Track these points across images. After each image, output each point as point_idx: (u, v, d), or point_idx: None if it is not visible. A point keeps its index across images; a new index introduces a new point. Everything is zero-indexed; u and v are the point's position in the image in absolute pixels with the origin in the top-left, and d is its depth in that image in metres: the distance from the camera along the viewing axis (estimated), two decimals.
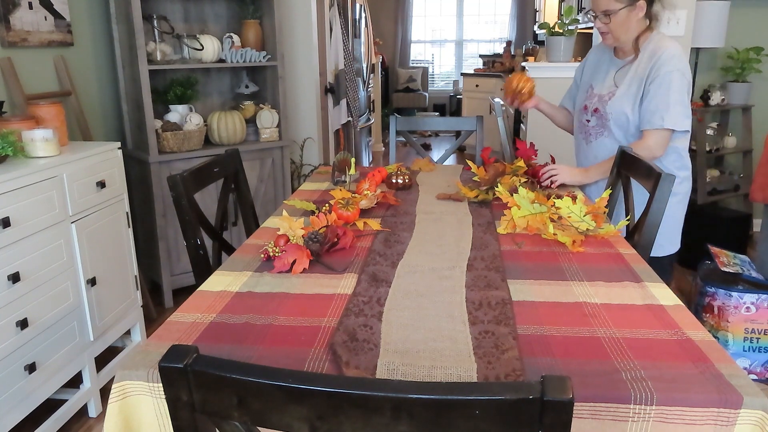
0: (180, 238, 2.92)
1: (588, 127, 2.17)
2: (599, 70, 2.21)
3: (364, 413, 0.65)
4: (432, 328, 1.12)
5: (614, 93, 2.09)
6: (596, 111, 2.12)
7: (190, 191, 1.72)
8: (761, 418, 0.89)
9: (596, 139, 2.16)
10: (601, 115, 2.11)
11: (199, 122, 3.10)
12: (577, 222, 1.63)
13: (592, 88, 2.19)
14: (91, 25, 2.94)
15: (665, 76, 1.96)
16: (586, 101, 2.18)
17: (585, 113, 2.18)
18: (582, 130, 2.21)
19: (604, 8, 1.97)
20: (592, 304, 1.22)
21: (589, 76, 2.25)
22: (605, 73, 2.17)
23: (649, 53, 2.03)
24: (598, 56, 2.25)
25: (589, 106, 2.16)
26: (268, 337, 1.09)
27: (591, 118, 2.15)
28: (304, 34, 3.71)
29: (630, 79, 2.06)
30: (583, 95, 2.22)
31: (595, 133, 2.16)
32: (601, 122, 2.12)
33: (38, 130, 2.05)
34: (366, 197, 1.86)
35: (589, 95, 2.18)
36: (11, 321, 1.82)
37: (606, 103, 2.10)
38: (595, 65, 2.24)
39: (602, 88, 2.14)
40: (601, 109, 2.11)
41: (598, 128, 2.14)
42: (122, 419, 0.98)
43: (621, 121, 2.07)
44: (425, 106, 9.15)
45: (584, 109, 2.18)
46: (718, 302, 2.47)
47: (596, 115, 2.13)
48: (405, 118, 2.92)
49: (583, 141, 2.22)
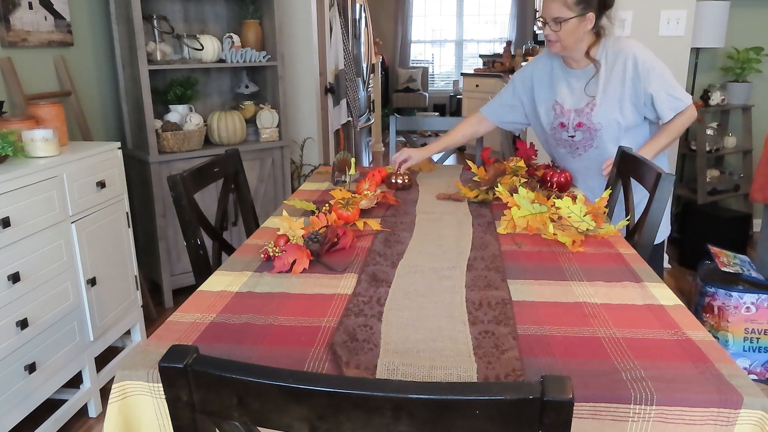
0: (180, 238, 2.92)
1: (573, 142, 2.16)
2: (557, 85, 2.16)
3: (364, 413, 0.65)
4: (432, 328, 1.12)
5: (593, 103, 2.07)
6: (580, 125, 2.11)
7: (190, 191, 1.72)
8: (761, 418, 0.89)
9: (585, 152, 2.16)
10: (588, 128, 2.10)
11: (199, 122, 3.10)
12: (577, 222, 1.63)
13: (561, 105, 2.14)
14: (91, 25, 2.94)
15: (653, 66, 2.01)
16: (561, 119, 2.15)
17: (564, 130, 2.15)
18: (565, 146, 2.20)
19: (555, 15, 1.96)
20: (592, 304, 1.22)
21: (545, 92, 2.19)
22: (567, 86, 2.13)
23: (615, 56, 2.04)
24: (547, 70, 2.19)
25: (567, 123, 2.13)
26: (268, 337, 1.09)
27: (575, 133, 2.13)
28: (304, 34, 3.71)
29: (603, 85, 2.05)
30: (551, 113, 2.17)
31: (584, 146, 2.15)
32: (589, 134, 2.11)
33: (38, 130, 2.05)
34: (366, 197, 1.86)
35: (561, 112, 2.14)
36: (11, 321, 1.82)
37: (589, 115, 2.08)
38: (548, 80, 2.19)
39: (575, 103, 2.11)
40: (585, 122, 2.10)
41: (586, 141, 2.14)
42: (122, 419, 0.98)
43: (612, 127, 2.07)
44: (425, 106, 9.15)
45: (561, 127, 2.15)
46: (718, 302, 2.47)
47: (581, 129, 2.11)
48: (405, 118, 2.92)
49: (569, 155, 2.21)
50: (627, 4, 3.32)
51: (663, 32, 3.32)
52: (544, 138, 2.30)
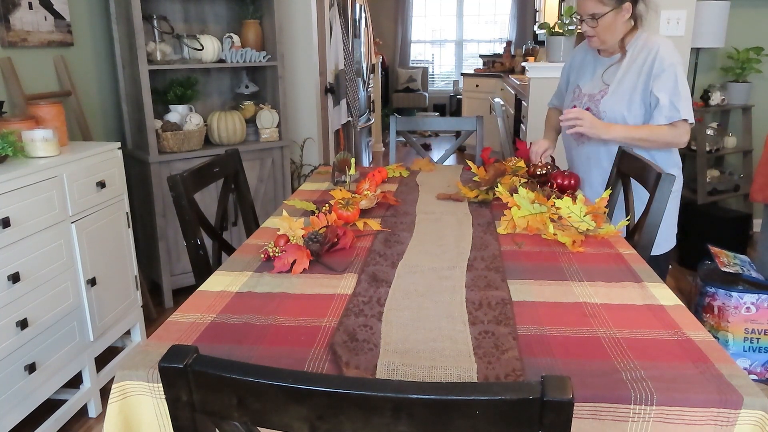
0: (180, 238, 2.92)
1: None
2: (585, 70, 2.20)
3: (364, 413, 0.65)
4: (432, 328, 1.12)
5: (606, 91, 2.08)
6: (587, 111, 2.10)
7: (190, 191, 1.72)
8: (761, 419, 0.89)
9: (589, 140, 2.14)
10: (594, 115, 2.09)
11: (199, 122, 3.09)
12: (577, 222, 1.63)
13: (580, 88, 2.18)
14: (91, 25, 2.94)
15: (670, 69, 1.97)
16: (574, 101, 2.17)
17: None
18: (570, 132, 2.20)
19: (592, 11, 1.97)
20: (592, 304, 1.22)
21: (575, 77, 2.25)
22: (591, 72, 2.17)
23: (641, 49, 2.04)
24: (582, 56, 2.25)
25: (579, 107, 2.14)
26: (268, 337, 1.09)
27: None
28: (304, 34, 3.71)
29: (621, 76, 2.05)
30: (570, 96, 2.22)
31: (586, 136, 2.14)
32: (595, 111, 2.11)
33: (38, 130, 2.05)
34: (366, 197, 1.86)
35: (577, 96, 2.17)
36: (11, 321, 1.82)
37: (598, 102, 2.08)
38: (580, 66, 2.24)
39: (591, 88, 2.13)
40: (593, 109, 2.10)
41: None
42: (122, 419, 0.98)
43: (616, 119, 2.06)
44: (425, 106, 9.15)
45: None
46: (718, 302, 2.47)
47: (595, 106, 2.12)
48: (405, 118, 2.92)
49: (574, 142, 2.21)
50: None
51: (663, 32, 3.32)
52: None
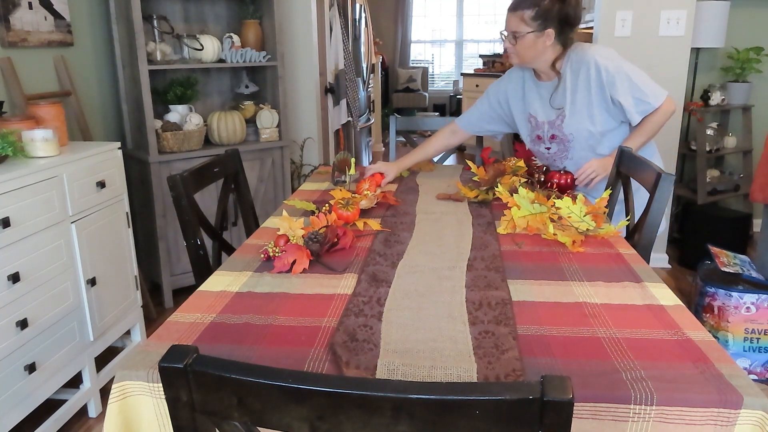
0: (180, 238, 2.92)
1: (550, 155, 2.17)
2: (530, 98, 2.15)
3: (364, 413, 0.65)
4: (432, 328, 1.12)
5: (563, 114, 2.06)
6: (553, 138, 2.11)
7: (190, 191, 1.72)
8: (761, 419, 0.89)
9: (563, 163, 2.16)
10: (561, 139, 2.10)
11: (199, 122, 3.10)
12: (577, 222, 1.63)
13: (535, 117, 2.14)
14: (91, 25, 2.94)
15: (618, 72, 1.96)
16: (536, 131, 2.15)
17: (541, 142, 2.16)
18: (543, 158, 2.21)
19: (513, 29, 1.95)
20: (592, 304, 1.22)
21: (520, 105, 2.19)
22: (539, 99, 2.12)
23: (578, 65, 2.00)
24: (519, 83, 2.18)
25: (543, 136, 2.14)
26: (268, 337, 1.09)
27: (551, 146, 2.14)
28: (304, 34, 3.71)
29: (571, 96, 2.03)
30: (527, 126, 2.18)
31: (560, 158, 2.16)
32: (563, 146, 2.11)
33: (38, 130, 2.05)
34: (366, 197, 1.86)
35: (536, 125, 2.14)
36: (11, 321, 1.82)
37: (560, 127, 2.08)
38: (521, 93, 2.18)
39: (547, 115, 2.11)
40: (558, 134, 2.09)
41: (561, 153, 2.14)
42: (122, 419, 0.98)
43: (583, 136, 2.06)
44: (425, 106, 9.15)
45: (538, 139, 2.16)
46: (718, 302, 2.47)
47: (555, 141, 2.12)
48: (405, 118, 2.92)
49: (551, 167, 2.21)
50: (627, 4, 3.32)
51: (663, 32, 3.32)
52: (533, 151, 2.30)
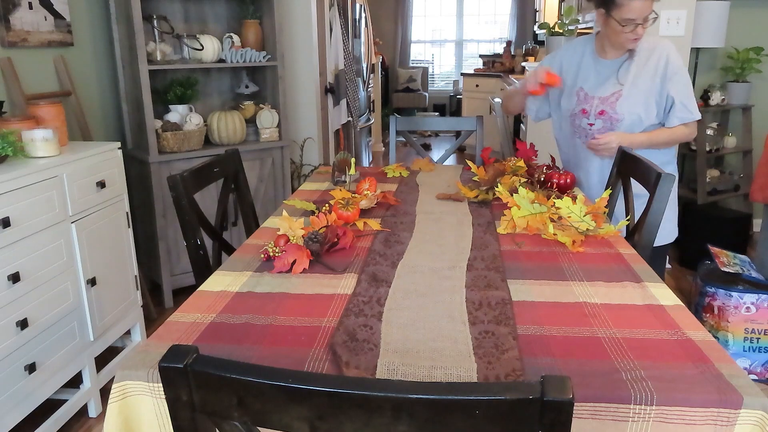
0: (180, 238, 2.92)
1: (591, 131, 2.16)
2: (586, 73, 2.17)
3: (364, 413, 0.65)
4: (432, 328, 1.12)
5: (620, 94, 2.09)
6: (602, 113, 2.12)
7: (190, 191, 1.72)
8: (761, 418, 0.89)
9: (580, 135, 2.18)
10: (610, 117, 2.10)
11: (199, 122, 3.09)
12: (577, 222, 1.63)
13: (584, 91, 2.16)
14: (91, 25, 2.94)
15: (682, 71, 2.07)
16: (582, 105, 2.16)
17: (585, 117, 2.16)
18: (582, 134, 2.20)
19: (651, 14, 1.99)
20: (592, 304, 1.22)
21: (570, 78, 2.21)
22: (596, 74, 2.15)
23: (650, 51, 2.08)
24: (578, 58, 2.21)
25: (589, 111, 2.14)
26: (268, 337, 1.09)
27: (596, 122, 2.14)
28: (304, 34, 3.71)
29: (634, 78, 2.07)
30: (573, 99, 2.19)
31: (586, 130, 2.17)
32: (609, 124, 2.12)
33: (38, 130, 2.05)
34: (366, 197, 1.86)
35: (584, 99, 2.16)
36: (11, 321, 1.82)
37: (614, 104, 2.09)
38: (576, 67, 2.20)
39: (602, 90, 2.12)
40: (608, 111, 2.10)
41: (604, 130, 2.13)
42: (122, 419, 0.98)
43: (632, 120, 2.09)
44: (425, 106, 9.15)
45: (582, 113, 2.16)
46: (718, 302, 2.47)
47: (602, 118, 2.12)
48: (405, 118, 2.92)
49: (583, 144, 2.21)
50: None
51: (663, 32, 3.32)
52: (559, 127, 2.31)
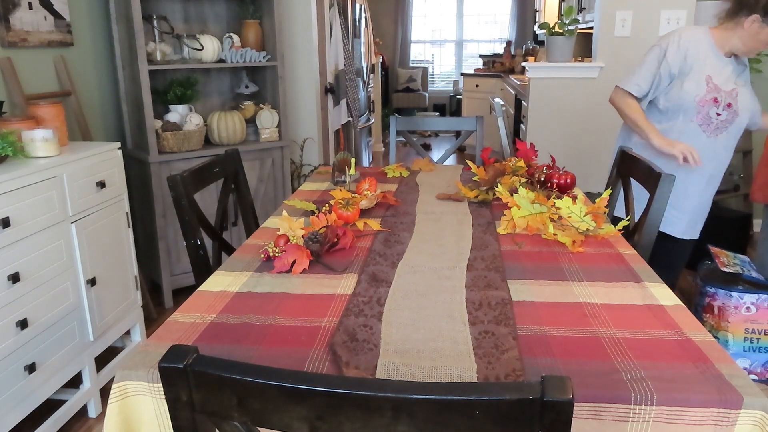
0: (180, 238, 2.92)
1: (716, 121, 2.18)
2: (711, 62, 2.18)
3: (364, 413, 0.65)
4: (432, 328, 1.12)
5: (737, 91, 2.16)
6: (729, 106, 2.16)
7: (190, 191, 1.72)
8: (761, 419, 0.89)
9: (720, 134, 2.21)
10: (734, 111, 2.16)
11: (199, 122, 3.09)
12: (577, 222, 1.63)
13: (713, 81, 2.16)
14: (91, 25, 2.94)
15: None
16: (713, 94, 2.16)
17: (715, 106, 2.16)
18: (705, 121, 2.19)
19: None
20: (592, 304, 1.22)
21: (699, 65, 2.17)
22: (721, 67, 2.18)
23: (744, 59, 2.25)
24: (701, 45, 2.20)
25: (720, 100, 2.16)
26: (268, 337, 1.09)
27: (722, 112, 2.17)
28: (304, 34, 3.71)
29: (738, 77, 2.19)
30: (702, 86, 2.16)
31: (722, 128, 2.20)
32: (731, 117, 2.17)
33: (38, 130, 2.05)
34: (366, 197, 1.86)
35: (714, 88, 2.16)
36: (11, 321, 1.82)
37: (736, 100, 2.16)
38: (703, 54, 2.18)
39: (725, 83, 2.16)
40: (734, 105, 2.16)
41: (726, 123, 2.18)
42: (122, 419, 0.98)
43: (747, 116, 2.20)
44: (425, 106, 9.15)
45: (714, 102, 2.16)
46: (718, 302, 2.47)
47: (729, 110, 2.16)
48: (405, 118, 2.92)
49: (704, 134, 2.21)
50: (627, 4, 3.33)
51: (663, 32, 3.32)
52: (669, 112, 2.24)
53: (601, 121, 3.43)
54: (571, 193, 1.93)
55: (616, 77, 3.34)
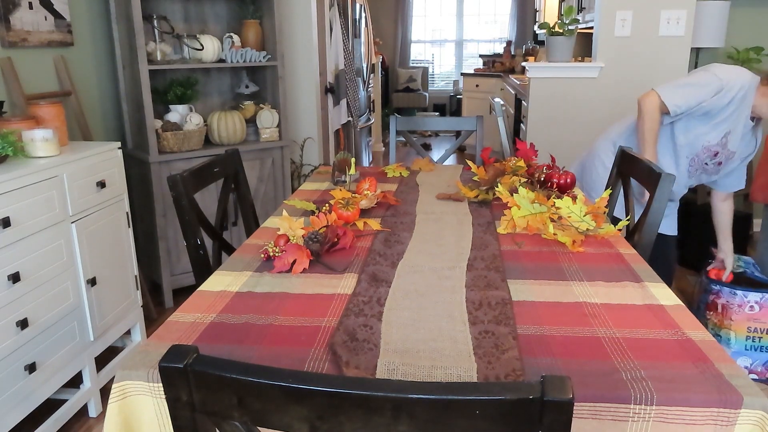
0: (180, 238, 2.92)
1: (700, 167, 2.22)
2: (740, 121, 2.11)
3: (364, 413, 0.65)
4: (432, 328, 1.12)
5: (733, 156, 2.16)
6: (719, 164, 2.19)
7: (190, 191, 1.72)
8: (761, 418, 0.89)
9: (693, 177, 2.25)
10: (717, 170, 2.20)
11: (199, 122, 3.10)
12: (577, 222, 1.63)
13: (728, 135, 2.11)
14: (91, 25, 2.94)
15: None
16: (719, 149, 2.15)
17: (713, 158, 2.18)
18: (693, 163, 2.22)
19: None
20: (592, 304, 1.22)
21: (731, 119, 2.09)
22: (742, 129, 2.14)
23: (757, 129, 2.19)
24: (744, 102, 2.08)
25: (719, 155, 2.17)
26: (268, 337, 1.09)
27: (710, 165, 2.19)
28: (304, 34, 3.71)
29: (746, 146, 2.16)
30: (718, 138, 2.11)
31: (698, 173, 2.24)
32: (712, 171, 2.21)
33: (38, 130, 2.05)
34: (366, 197, 1.86)
35: (723, 144, 2.13)
36: (11, 321, 1.82)
37: (728, 162, 2.18)
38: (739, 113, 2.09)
39: (734, 145, 2.15)
40: (723, 164, 2.18)
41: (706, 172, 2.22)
42: (122, 419, 0.98)
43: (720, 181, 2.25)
44: (425, 106, 9.15)
45: (714, 155, 2.17)
46: (722, 300, 2.47)
47: (716, 166, 2.19)
48: (405, 118, 2.92)
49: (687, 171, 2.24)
50: (627, 4, 3.32)
51: (663, 32, 3.32)
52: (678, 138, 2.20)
53: (601, 120, 3.43)
54: (571, 193, 1.93)
55: (616, 77, 3.33)
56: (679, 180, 2.23)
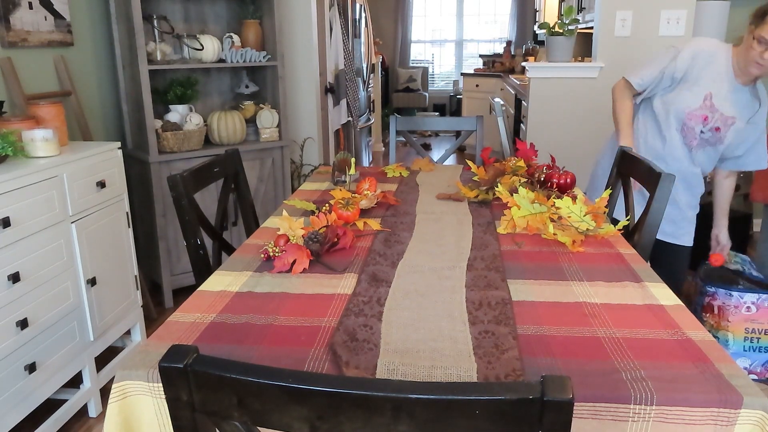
0: (180, 238, 2.92)
1: (699, 137, 2.17)
2: (718, 80, 2.10)
3: (364, 413, 0.65)
4: (432, 328, 1.12)
5: (735, 120, 2.10)
6: (717, 130, 2.13)
7: (190, 191, 1.72)
8: (761, 418, 0.89)
9: (699, 150, 2.20)
10: (719, 137, 2.12)
11: (199, 122, 3.10)
12: (577, 222, 1.63)
13: (712, 98, 2.09)
14: (91, 25, 2.94)
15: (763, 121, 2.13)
16: (706, 112, 2.11)
17: (702, 123, 2.13)
18: (687, 133, 2.18)
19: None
20: (592, 304, 1.22)
21: (706, 79, 2.11)
22: (727, 90, 2.10)
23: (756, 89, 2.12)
24: (719, 62, 2.11)
25: (710, 120, 2.12)
26: (268, 337, 1.09)
27: (706, 132, 2.14)
28: (304, 34, 3.71)
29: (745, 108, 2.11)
30: (699, 100, 2.11)
31: (702, 146, 2.18)
32: (713, 140, 2.14)
33: (38, 130, 2.05)
34: (366, 197, 1.86)
35: (709, 106, 2.10)
36: (11, 321, 1.82)
37: (729, 128, 2.11)
38: (716, 72, 2.10)
39: (725, 108, 2.10)
40: (722, 131, 2.11)
41: (706, 143, 2.16)
42: (122, 419, 0.98)
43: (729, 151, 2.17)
44: (425, 106, 9.15)
45: (703, 120, 2.13)
46: (719, 302, 2.47)
47: (714, 133, 2.13)
48: (405, 118, 2.92)
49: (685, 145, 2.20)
50: (627, 4, 3.33)
51: (663, 32, 3.32)
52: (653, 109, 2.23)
53: (601, 120, 3.43)
54: (571, 193, 1.93)
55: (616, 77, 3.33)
56: (678, 155, 2.19)
